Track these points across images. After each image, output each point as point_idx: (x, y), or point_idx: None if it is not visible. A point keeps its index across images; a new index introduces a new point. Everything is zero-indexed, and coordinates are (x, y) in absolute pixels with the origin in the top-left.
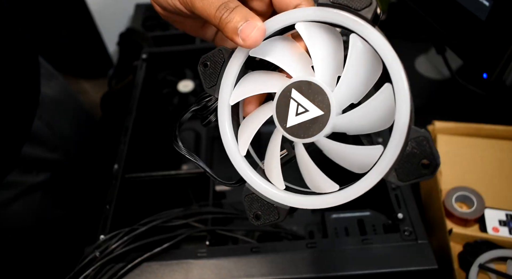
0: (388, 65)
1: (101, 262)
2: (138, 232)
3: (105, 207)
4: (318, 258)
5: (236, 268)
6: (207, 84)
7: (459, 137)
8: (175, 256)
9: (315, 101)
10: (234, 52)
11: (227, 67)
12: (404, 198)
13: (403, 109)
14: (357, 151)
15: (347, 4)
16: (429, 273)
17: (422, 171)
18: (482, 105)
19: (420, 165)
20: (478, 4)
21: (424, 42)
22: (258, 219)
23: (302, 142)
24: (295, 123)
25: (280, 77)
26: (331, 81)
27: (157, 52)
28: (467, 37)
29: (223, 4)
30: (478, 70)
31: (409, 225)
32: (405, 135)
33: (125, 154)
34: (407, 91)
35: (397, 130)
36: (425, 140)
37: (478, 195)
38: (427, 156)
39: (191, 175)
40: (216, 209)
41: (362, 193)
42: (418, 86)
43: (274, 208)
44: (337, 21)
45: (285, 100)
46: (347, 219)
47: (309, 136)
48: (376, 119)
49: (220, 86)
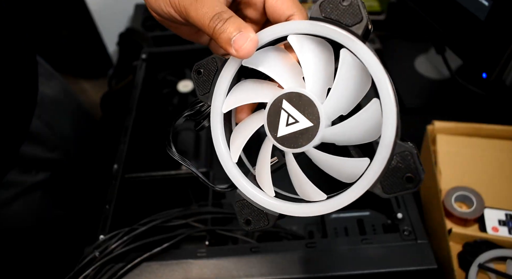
0: (376, 80)
1: (100, 262)
2: (137, 232)
3: (105, 207)
4: (317, 258)
5: (236, 268)
6: (201, 91)
7: (459, 137)
8: (174, 256)
9: (305, 112)
10: (227, 61)
11: (220, 76)
12: (404, 198)
13: (389, 124)
14: (345, 163)
15: (338, 19)
16: (428, 273)
17: (406, 185)
18: (482, 105)
19: (405, 179)
20: (477, 4)
21: (424, 42)
22: (249, 224)
23: (291, 152)
24: (285, 133)
25: (272, 86)
26: (321, 93)
27: (156, 52)
28: (466, 37)
29: (216, 14)
30: (477, 70)
31: (409, 225)
32: (390, 150)
33: (125, 154)
34: (394, 106)
35: (383, 144)
36: (410, 155)
37: (477, 195)
38: (411, 171)
39: (190, 175)
40: (216, 209)
41: (347, 204)
42: (418, 86)
43: (264, 214)
44: (328, 35)
45: (276, 110)
46: (346, 219)
47: (299, 146)
48: (364, 132)
49: (213, 94)
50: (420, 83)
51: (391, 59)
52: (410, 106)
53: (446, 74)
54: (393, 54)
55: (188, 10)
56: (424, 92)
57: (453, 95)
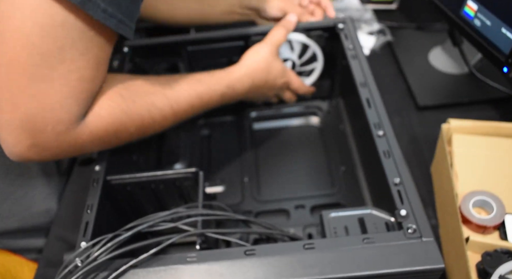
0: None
1: (83, 271)
2: (122, 238)
3: (86, 211)
4: (316, 260)
5: (229, 273)
6: None
7: (477, 136)
8: (163, 262)
9: None
10: None
11: None
12: (407, 193)
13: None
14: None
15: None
16: (435, 272)
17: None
18: (502, 102)
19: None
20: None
21: (439, 33)
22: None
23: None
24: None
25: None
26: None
27: (141, 45)
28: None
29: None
30: (498, 63)
31: (413, 222)
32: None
33: (107, 155)
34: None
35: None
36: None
37: (497, 199)
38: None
39: (178, 175)
40: (207, 211)
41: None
42: (433, 81)
43: None
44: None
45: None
46: (346, 217)
47: None
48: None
49: None
50: (435, 78)
51: (403, 52)
52: (424, 103)
53: (463, 68)
54: (405, 47)
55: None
56: (439, 88)
57: (471, 92)
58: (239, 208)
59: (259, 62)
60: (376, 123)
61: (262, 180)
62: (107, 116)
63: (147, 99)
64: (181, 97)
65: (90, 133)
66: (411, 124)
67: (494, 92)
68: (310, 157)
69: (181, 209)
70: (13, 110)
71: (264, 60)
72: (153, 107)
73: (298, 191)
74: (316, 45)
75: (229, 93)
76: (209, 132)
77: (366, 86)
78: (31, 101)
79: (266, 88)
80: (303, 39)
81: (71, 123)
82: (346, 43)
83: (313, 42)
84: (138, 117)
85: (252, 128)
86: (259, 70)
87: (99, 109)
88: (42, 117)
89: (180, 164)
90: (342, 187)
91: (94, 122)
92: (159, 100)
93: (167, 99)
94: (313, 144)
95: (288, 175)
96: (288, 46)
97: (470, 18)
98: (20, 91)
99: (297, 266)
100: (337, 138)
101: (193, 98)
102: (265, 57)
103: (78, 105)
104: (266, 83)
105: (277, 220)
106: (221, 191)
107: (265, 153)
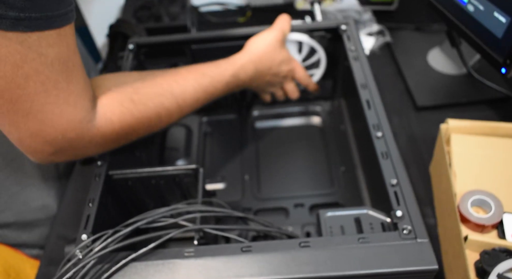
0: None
1: (82, 264)
2: (122, 233)
3: (87, 205)
4: (311, 258)
5: (225, 268)
6: None
7: (476, 136)
8: (161, 256)
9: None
10: None
11: None
12: (404, 194)
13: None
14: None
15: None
16: (429, 273)
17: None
18: (500, 102)
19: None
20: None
21: (438, 34)
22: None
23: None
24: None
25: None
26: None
27: (146, 43)
28: (483, 28)
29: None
30: (496, 64)
31: (408, 223)
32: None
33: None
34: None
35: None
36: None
37: (496, 199)
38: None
39: (178, 172)
40: (205, 208)
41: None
42: (431, 82)
43: None
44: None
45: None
46: (343, 217)
47: None
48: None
49: None
50: (433, 79)
51: (402, 52)
52: (423, 104)
53: (461, 69)
54: (404, 47)
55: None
56: (437, 88)
57: (469, 92)
58: (239, 205)
59: (264, 48)
60: (375, 125)
61: (262, 178)
62: (118, 122)
63: (156, 101)
64: (187, 94)
65: (102, 137)
66: (410, 124)
67: (492, 93)
68: (311, 156)
69: (180, 205)
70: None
71: (270, 45)
72: (162, 108)
73: (298, 190)
74: (321, 47)
75: (234, 82)
76: (211, 129)
77: (366, 87)
78: (38, 119)
79: (270, 74)
80: (307, 40)
81: (84, 123)
82: (348, 45)
83: (318, 44)
84: (147, 120)
85: (254, 127)
86: (263, 55)
87: (111, 114)
88: (53, 128)
89: (182, 161)
90: (342, 187)
91: (105, 127)
92: (167, 100)
93: (174, 98)
94: (314, 144)
95: (288, 174)
96: (297, 47)
97: (464, 4)
98: (23, 115)
99: (291, 263)
100: (337, 138)
101: (199, 93)
102: (272, 42)
103: (82, 106)
104: (270, 70)
105: (276, 218)
106: (222, 188)
107: (266, 152)
